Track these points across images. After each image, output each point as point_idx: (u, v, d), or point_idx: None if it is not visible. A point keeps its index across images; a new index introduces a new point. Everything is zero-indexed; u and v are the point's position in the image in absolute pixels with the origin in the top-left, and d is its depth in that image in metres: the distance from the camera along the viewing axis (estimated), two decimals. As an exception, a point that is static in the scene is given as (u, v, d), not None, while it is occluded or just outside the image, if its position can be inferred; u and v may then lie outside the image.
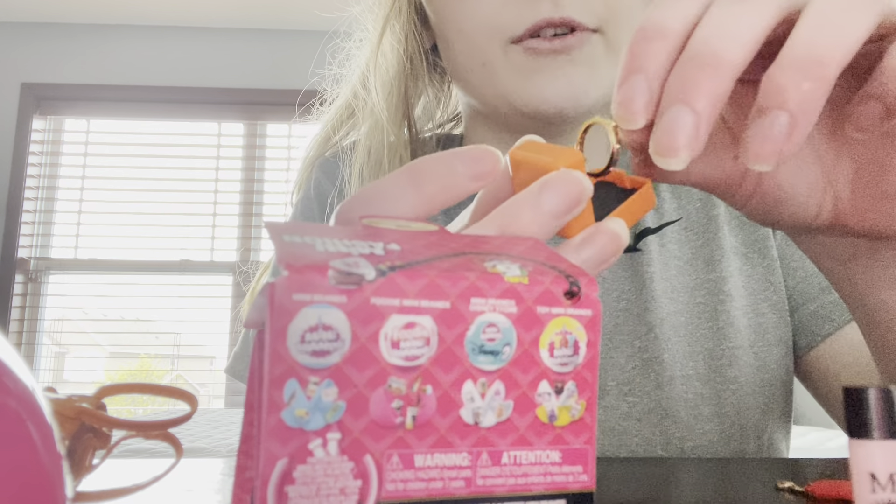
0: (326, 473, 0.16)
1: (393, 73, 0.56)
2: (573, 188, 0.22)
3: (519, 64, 0.47)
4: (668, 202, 0.57)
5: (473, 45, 0.49)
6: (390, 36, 0.56)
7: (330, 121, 0.62)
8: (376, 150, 0.55)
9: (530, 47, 0.46)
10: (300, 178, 0.63)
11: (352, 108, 0.60)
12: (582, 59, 0.46)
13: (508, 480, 0.17)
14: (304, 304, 0.15)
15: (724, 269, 0.54)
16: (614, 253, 0.22)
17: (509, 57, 0.47)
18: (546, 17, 0.45)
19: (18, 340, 2.78)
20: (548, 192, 0.22)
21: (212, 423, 2.06)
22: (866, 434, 0.17)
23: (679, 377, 0.51)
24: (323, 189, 0.60)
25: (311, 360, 0.15)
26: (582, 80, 0.47)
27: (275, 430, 0.15)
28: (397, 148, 0.55)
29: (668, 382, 0.51)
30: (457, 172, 0.22)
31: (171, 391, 0.31)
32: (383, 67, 0.56)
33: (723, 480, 0.36)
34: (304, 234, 0.18)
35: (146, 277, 2.90)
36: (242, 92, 2.92)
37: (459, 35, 0.50)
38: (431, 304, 0.17)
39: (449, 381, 0.17)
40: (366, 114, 0.57)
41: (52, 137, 2.96)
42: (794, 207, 0.28)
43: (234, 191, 2.96)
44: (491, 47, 0.48)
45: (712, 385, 0.51)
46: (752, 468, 0.39)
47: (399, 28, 0.55)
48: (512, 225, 0.21)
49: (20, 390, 0.14)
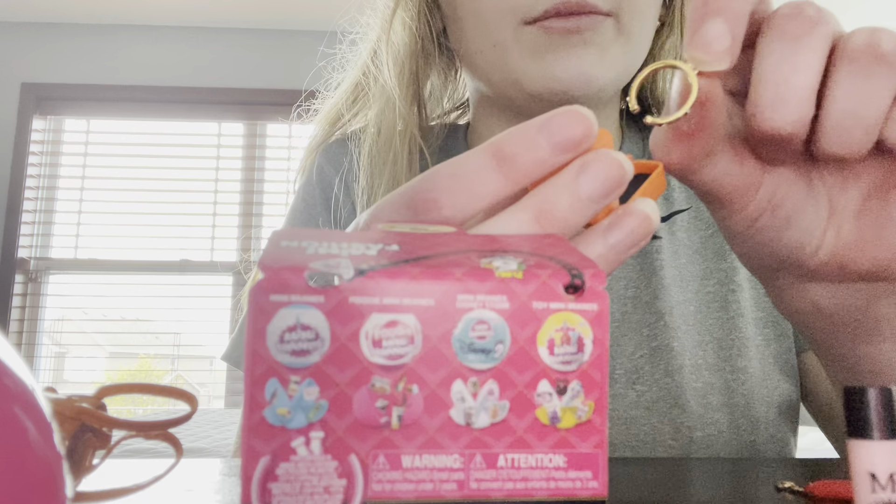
0: (310, 472, 0.16)
1: (405, 50, 0.55)
2: (614, 171, 0.20)
3: (531, 44, 0.47)
4: (677, 191, 0.57)
5: (486, 25, 0.48)
6: (403, 13, 0.55)
7: (338, 103, 0.61)
8: (387, 129, 0.55)
9: (546, 26, 0.46)
10: (304, 162, 0.62)
11: (360, 88, 0.60)
12: (594, 40, 0.46)
13: (506, 484, 0.17)
14: (282, 304, 0.15)
15: (734, 258, 0.54)
16: (645, 236, 0.21)
17: (521, 37, 0.47)
18: (563, 0, 0.45)
19: (18, 340, 2.78)
20: (586, 174, 0.20)
21: (212, 423, 2.06)
22: (866, 434, 0.17)
23: (689, 366, 0.51)
24: (325, 174, 0.59)
25: (292, 360, 0.15)
26: (592, 61, 0.46)
27: (257, 428, 0.15)
28: (408, 127, 0.55)
29: (678, 371, 0.50)
30: (541, 146, 0.20)
31: (171, 391, 0.31)
32: (395, 44, 0.56)
33: (723, 480, 0.35)
34: (303, 239, 0.18)
35: (146, 277, 2.90)
36: (242, 92, 2.92)
37: (473, 15, 0.49)
38: (414, 301, 0.16)
39: (436, 381, 0.16)
40: (376, 93, 0.57)
41: (52, 137, 2.96)
42: (799, 233, 0.28)
43: (234, 191, 2.96)
44: (504, 28, 0.47)
45: (722, 375, 0.51)
46: (752, 468, 0.39)
47: (412, 5, 0.55)
48: (548, 212, 0.20)
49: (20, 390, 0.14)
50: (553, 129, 0.20)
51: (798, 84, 0.23)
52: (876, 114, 0.24)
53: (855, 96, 0.23)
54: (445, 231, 0.20)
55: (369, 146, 0.56)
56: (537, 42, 0.47)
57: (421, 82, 0.57)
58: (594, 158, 0.21)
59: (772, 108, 0.24)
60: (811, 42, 0.23)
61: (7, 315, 2.72)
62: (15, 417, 0.13)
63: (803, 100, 0.23)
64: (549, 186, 0.21)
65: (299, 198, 0.60)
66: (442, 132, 0.60)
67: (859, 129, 0.24)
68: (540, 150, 0.20)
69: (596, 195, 0.20)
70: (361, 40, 0.61)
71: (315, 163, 0.60)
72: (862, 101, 0.23)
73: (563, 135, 0.20)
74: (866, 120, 0.24)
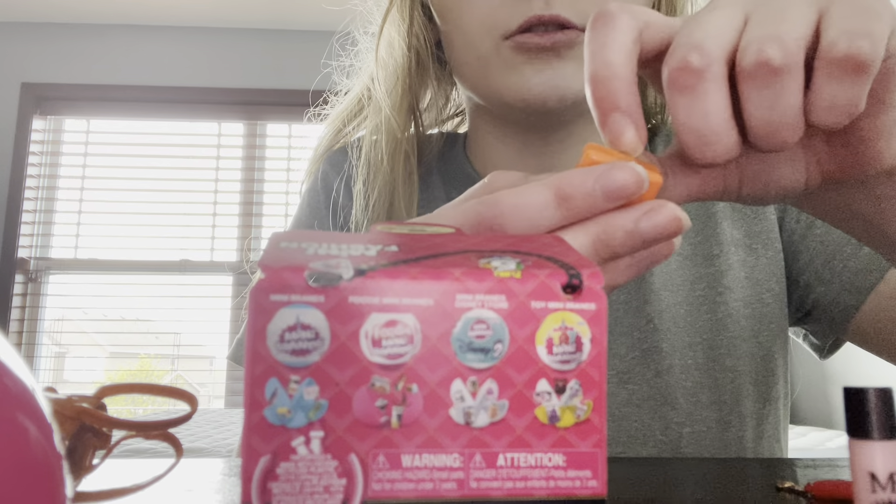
0: (310, 471, 0.15)
1: (398, 66, 0.58)
2: (673, 225, 0.24)
3: (509, 58, 0.49)
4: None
5: (470, 40, 0.51)
6: (393, 29, 0.58)
7: (340, 114, 0.64)
8: (384, 140, 0.57)
9: (520, 42, 0.48)
10: (310, 168, 0.65)
11: (362, 101, 0.62)
12: (568, 54, 0.49)
13: (505, 484, 0.17)
14: (282, 304, 0.15)
15: (722, 263, 0.55)
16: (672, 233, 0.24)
17: (501, 52, 0.49)
18: (537, 14, 0.47)
19: (18, 340, 2.78)
20: (649, 221, 0.23)
21: (212, 423, 2.06)
22: (866, 434, 0.17)
23: (678, 366, 0.52)
24: (329, 181, 0.62)
25: (292, 359, 0.15)
26: (567, 74, 0.49)
27: (257, 427, 0.15)
28: (402, 141, 0.57)
29: (667, 371, 0.52)
30: (596, 194, 0.24)
31: (171, 391, 0.31)
32: (388, 60, 0.58)
33: (723, 480, 0.35)
34: (303, 241, 0.18)
35: (146, 277, 2.90)
36: (242, 92, 2.92)
37: (458, 30, 0.52)
38: (413, 301, 0.16)
39: (436, 380, 0.16)
40: (373, 108, 0.59)
41: (52, 137, 2.96)
42: (784, 182, 0.30)
43: (234, 191, 2.96)
44: (485, 43, 0.50)
45: (711, 374, 0.53)
46: (752, 468, 0.39)
47: (403, 22, 0.57)
48: (606, 241, 0.23)
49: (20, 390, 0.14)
50: (607, 182, 0.24)
51: (713, 125, 0.25)
52: (793, 112, 0.25)
53: (767, 109, 0.25)
54: (444, 232, 0.20)
55: (366, 154, 0.58)
56: (514, 56, 0.49)
57: (416, 95, 0.59)
58: (660, 208, 0.24)
59: (700, 150, 0.26)
60: (708, 87, 0.25)
61: (7, 315, 2.72)
62: (15, 417, 0.13)
63: (724, 133, 0.25)
64: (612, 219, 0.24)
65: (304, 202, 0.63)
66: (440, 140, 0.62)
67: (785, 130, 0.25)
68: (595, 198, 0.24)
69: (650, 238, 0.24)
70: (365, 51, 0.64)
71: (320, 169, 0.63)
72: (775, 110, 0.25)
73: (615, 186, 0.24)
74: (787, 120, 0.25)
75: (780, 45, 0.24)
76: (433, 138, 0.62)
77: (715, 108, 0.25)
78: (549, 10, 0.47)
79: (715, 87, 0.25)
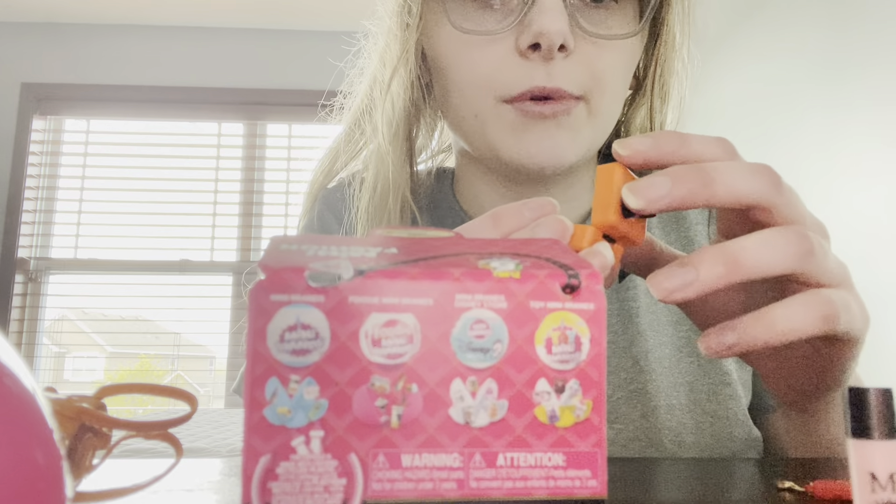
0: (310, 471, 0.15)
1: (399, 115, 0.58)
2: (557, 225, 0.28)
3: (508, 121, 0.50)
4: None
5: (468, 99, 0.52)
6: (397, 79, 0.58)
7: (333, 149, 0.64)
8: (382, 187, 0.58)
9: (523, 109, 0.49)
10: (305, 205, 0.65)
11: (356, 130, 0.63)
12: (567, 123, 0.50)
13: (505, 483, 0.17)
14: (282, 304, 0.15)
15: None
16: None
17: (500, 113, 0.50)
18: (539, 86, 0.48)
19: (18, 340, 2.78)
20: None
21: (212, 423, 2.06)
22: (866, 434, 0.17)
23: (663, 406, 0.53)
24: (327, 224, 0.62)
25: (292, 359, 0.15)
26: (565, 142, 0.50)
27: (257, 427, 0.15)
28: (400, 185, 0.58)
29: (653, 412, 0.53)
30: (525, 217, 0.29)
31: (171, 391, 0.31)
32: (389, 109, 0.59)
33: (723, 480, 0.35)
34: (303, 243, 0.18)
35: (146, 277, 2.90)
36: (242, 92, 2.92)
37: (455, 87, 0.52)
38: (413, 301, 0.16)
39: (435, 380, 0.16)
40: (371, 154, 0.60)
41: (52, 137, 2.96)
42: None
43: (234, 191, 2.96)
44: (484, 102, 0.51)
45: (693, 416, 0.53)
46: (752, 468, 0.39)
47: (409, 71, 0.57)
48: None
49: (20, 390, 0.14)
50: (532, 206, 0.30)
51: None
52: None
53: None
54: (443, 236, 0.21)
55: (367, 202, 0.59)
56: (514, 121, 0.50)
57: (413, 141, 0.60)
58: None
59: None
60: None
61: (7, 315, 2.72)
62: (15, 417, 0.13)
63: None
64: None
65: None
66: (429, 180, 0.63)
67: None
68: (523, 218, 0.30)
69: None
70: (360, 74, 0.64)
71: (316, 209, 0.64)
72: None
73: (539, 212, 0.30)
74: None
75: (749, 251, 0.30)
76: (422, 177, 0.63)
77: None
78: (551, 82, 0.48)
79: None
